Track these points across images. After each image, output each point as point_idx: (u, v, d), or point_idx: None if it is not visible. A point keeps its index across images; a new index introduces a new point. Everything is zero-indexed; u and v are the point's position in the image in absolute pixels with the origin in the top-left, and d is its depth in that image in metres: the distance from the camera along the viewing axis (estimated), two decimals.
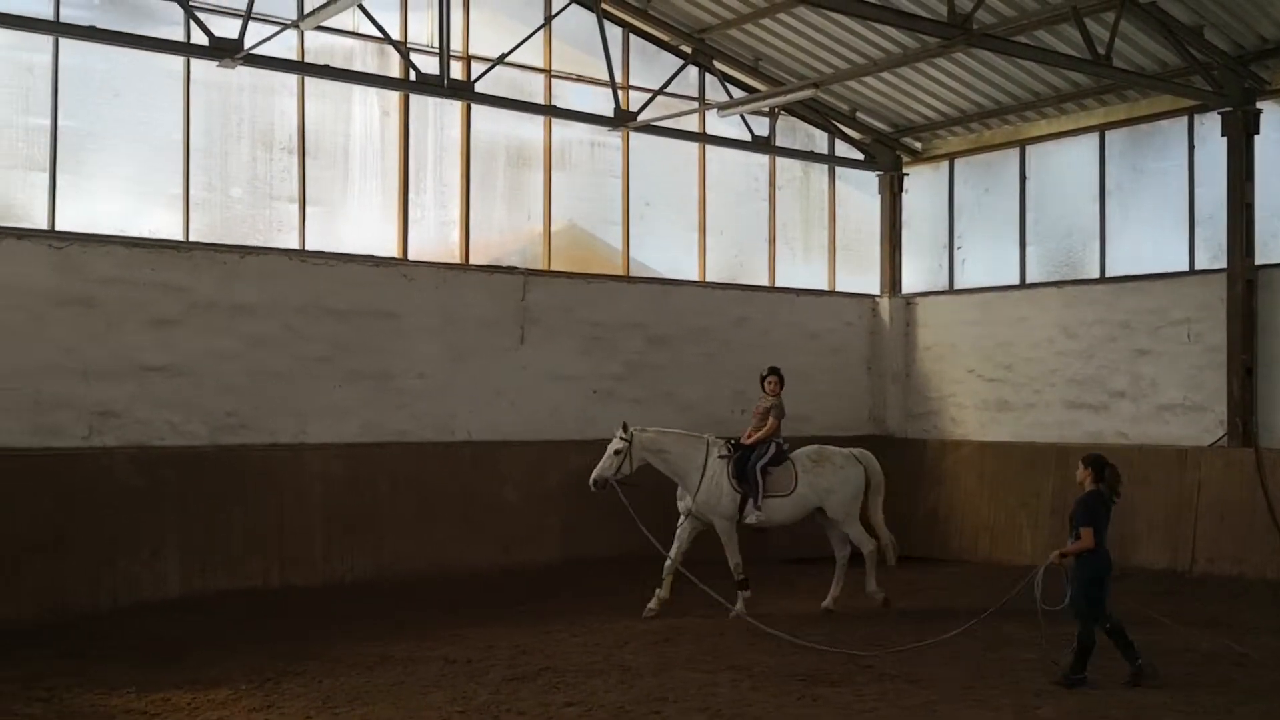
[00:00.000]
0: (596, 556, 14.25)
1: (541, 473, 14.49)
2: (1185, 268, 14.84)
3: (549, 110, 14.96)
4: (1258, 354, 14.11)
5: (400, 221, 14.11)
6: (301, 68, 13.06)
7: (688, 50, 15.91)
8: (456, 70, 13.97)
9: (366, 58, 13.88)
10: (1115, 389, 15.29)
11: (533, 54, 14.77)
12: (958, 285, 17.50)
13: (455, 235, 14.58)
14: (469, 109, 14.48)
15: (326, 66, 13.18)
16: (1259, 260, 14.10)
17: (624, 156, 15.86)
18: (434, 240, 14.48)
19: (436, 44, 13.44)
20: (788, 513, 12.22)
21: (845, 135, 17.66)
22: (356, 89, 13.72)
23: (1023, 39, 13.67)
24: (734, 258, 17.00)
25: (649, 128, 15.24)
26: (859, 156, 17.87)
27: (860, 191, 18.21)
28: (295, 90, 13.37)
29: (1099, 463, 9.34)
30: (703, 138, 16.24)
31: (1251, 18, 13.39)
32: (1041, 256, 16.53)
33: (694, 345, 16.07)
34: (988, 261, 17.17)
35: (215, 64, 12.13)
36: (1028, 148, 16.63)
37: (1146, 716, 8.19)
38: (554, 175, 15.32)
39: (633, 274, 15.88)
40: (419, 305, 13.85)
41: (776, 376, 12.58)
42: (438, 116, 14.46)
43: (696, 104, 16.07)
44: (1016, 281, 16.65)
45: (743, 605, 11.73)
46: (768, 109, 16.23)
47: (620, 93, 15.04)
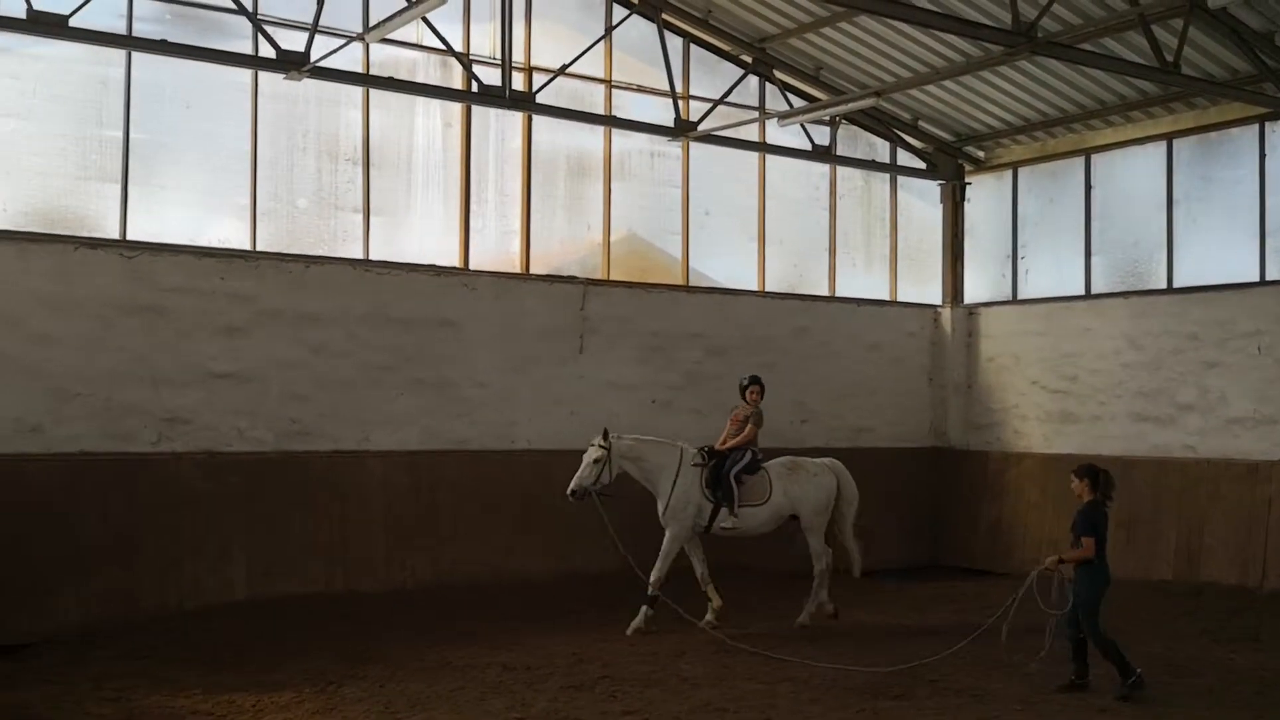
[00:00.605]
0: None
1: None
2: (1255, 278, 14.54)
3: (609, 120, 15.03)
4: None
5: (462, 231, 14.23)
6: (366, 80, 13.24)
7: (748, 60, 15.91)
8: (518, 81, 14.09)
9: (430, 69, 14.04)
10: (1183, 401, 15.01)
11: (593, 65, 14.85)
12: (1021, 296, 17.29)
13: (516, 245, 14.69)
14: (530, 120, 14.60)
15: (391, 79, 13.35)
16: None
17: (684, 166, 15.89)
18: (495, 250, 14.59)
19: (498, 56, 13.56)
20: (761, 520, 12.12)
21: (907, 144, 17.55)
22: (419, 100, 13.88)
23: (1088, 46, 13.50)
24: (794, 268, 16.94)
25: (709, 137, 15.25)
26: (921, 165, 17.75)
27: (922, 201, 18.08)
28: (360, 102, 13.55)
29: (1094, 472, 9.37)
30: (763, 147, 16.21)
31: None
32: (1107, 267, 16.29)
33: (753, 356, 15.99)
34: (1052, 272, 16.95)
35: (282, 76, 12.34)
36: (1093, 156, 16.40)
37: None
38: (614, 185, 15.37)
39: (692, 284, 15.87)
40: (480, 314, 13.96)
41: (758, 386, 12.46)
42: (499, 127, 14.59)
43: (757, 113, 16.05)
44: (1081, 292, 16.42)
45: (643, 620, 11.59)
46: (828, 118, 16.18)
47: (680, 103, 15.08)
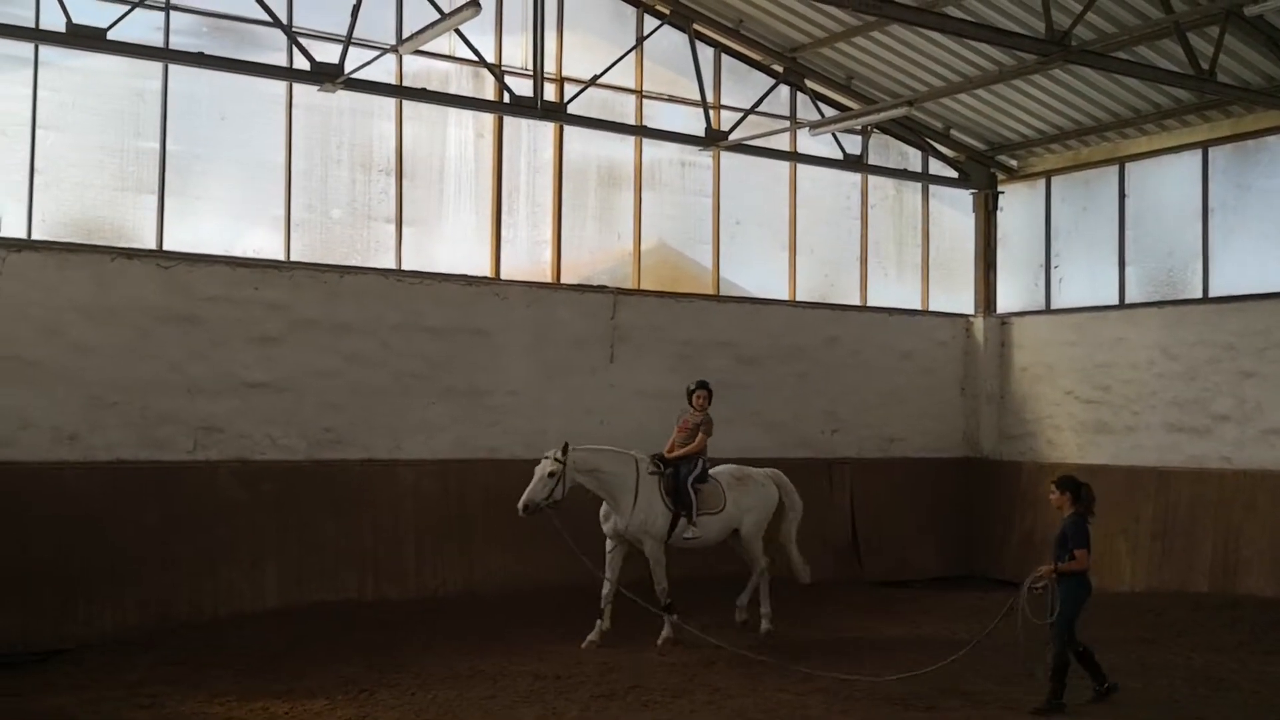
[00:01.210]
0: (685, 577, 14.17)
1: None
2: None
3: (640, 131, 15.07)
4: None
5: (493, 241, 14.30)
6: (399, 91, 13.33)
7: (779, 69, 15.91)
8: (549, 92, 14.15)
9: (462, 81, 14.12)
10: (1219, 412, 14.85)
11: (624, 75, 14.90)
12: (1054, 305, 17.17)
13: (547, 254, 14.74)
14: (561, 130, 14.65)
15: (424, 90, 13.44)
16: None
17: (715, 176, 15.90)
18: (526, 259, 14.65)
19: (530, 67, 13.64)
20: (716, 531, 11.95)
21: (939, 153, 17.49)
22: (452, 112, 13.96)
23: (1122, 55, 13.42)
24: (825, 277, 16.91)
25: (740, 147, 15.25)
26: (953, 174, 17.68)
27: (954, 210, 18.01)
28: (393, 113, 13.65)
29: (1075, 485, 9.33)
30: (794, 156, 16.20)
31: None
32: (1141, 276, 16.16)
33: (784, 365, 16.00)
34: (1085, 281, 16.82)
35: (316, 88, 12.46)
36: (1127, 165, 16.28)
37: None
38: (644, 195, 15.40)
39: (722, 293, 15.87)
40: (511, 323, 14.01)
41: (705, 391, 12.14)
42: (531, 138, 14.65)
43: (788, 123, 16.04)
44: (1115, 301, 16.29)
45: (669, 630, 11.47)
46: (860, 127, 16.15)
47: (711, 112, 15.10)
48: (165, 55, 12.09)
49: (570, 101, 13.86)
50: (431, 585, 13.14)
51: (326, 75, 12.12)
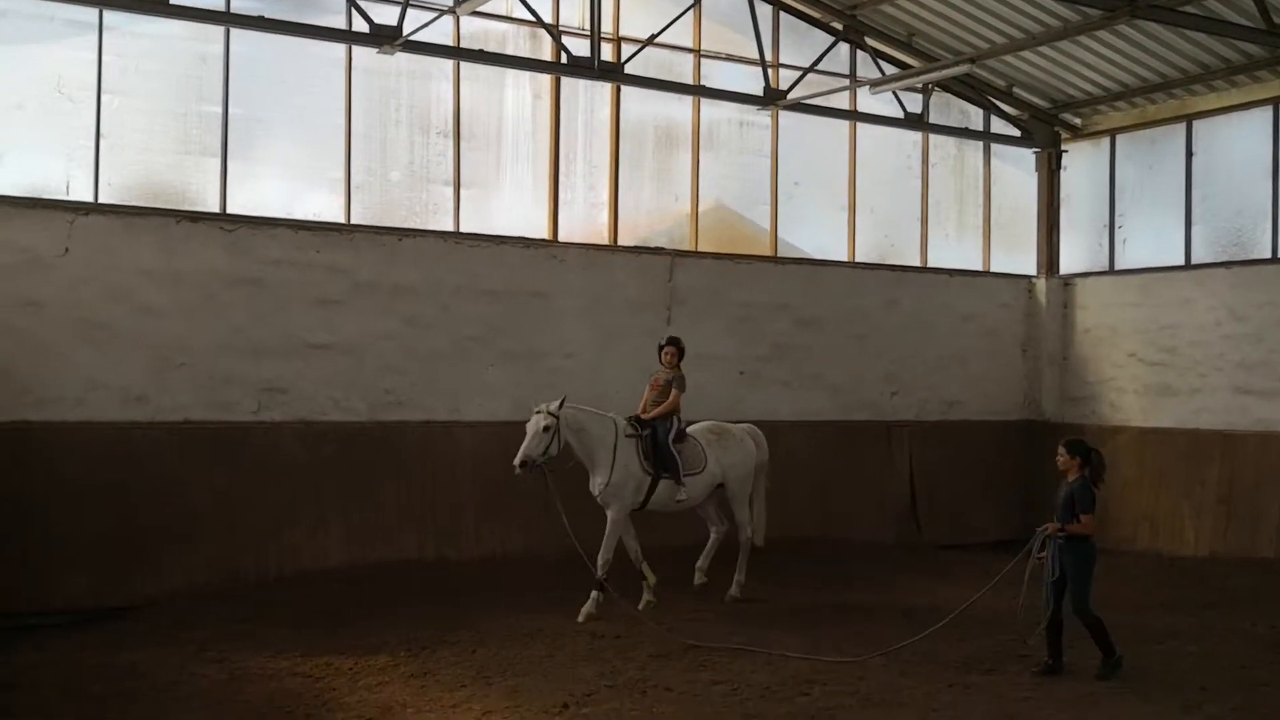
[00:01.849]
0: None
1: None
2: None
3: (698, 90, 14.95)
4: None
5: (550, 203, 14.30)
6: (457, 53, 13.33)
7: (839, 27, 15.70)
8: (607, 52, 14.08)
9: (519, 42, 14.07)
10: None
11: (682, 34, 14.77)
12: (1118, 266, 16.89)
13: (604, 216, 14.72)
14: (618, 90, 14.58)
15: (481, 51, 13.43)
16: None
17: (773, 135, 15.75)
18: (583, 221, 14.63)
19: (587, 27, 13.57)
20: (701, 490, 11.64)
21: (1001, 111, 17.20)
22: (509, 73, 13.94)
23: (1191, 9, 13.07)
24: (884, 238, 16.74)
25: (799, 106, 15.10)
26: (1015, 133, 17.38)
27: (1016, 169, 17.72)
28: (451, 75, 13.65)
29: (1085, 449, 9.10)
30: (854, 115, 16.01)
31: None
32: (1208, 236, 15.82)
33: (843, 327, 15.89)
34: (1150, 241, 16.51)
35: (375, 50, 12.49)
36: (1195, 122, 15.91)
37: None
38: (702, 155, 15.31)
39: (781, 254, 15.77)
40: (568, 286, 14.03)
41: (674, 347, 11.76)
42: (588, 98, 14.60)
43: (848, 81, 15.84)
44: (1181, 262, 15.98)
45: (593, 606, 10.88)
46: (921, 85, 15.91)
47: (770, 71, 14.94)
48: (227, 19, 12.17)
49: (628, 61, 13.78)
50: (491, 545, 13.26)
51: (385, 37, 12.14)
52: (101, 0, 11.47)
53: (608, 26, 14.27)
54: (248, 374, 12.20)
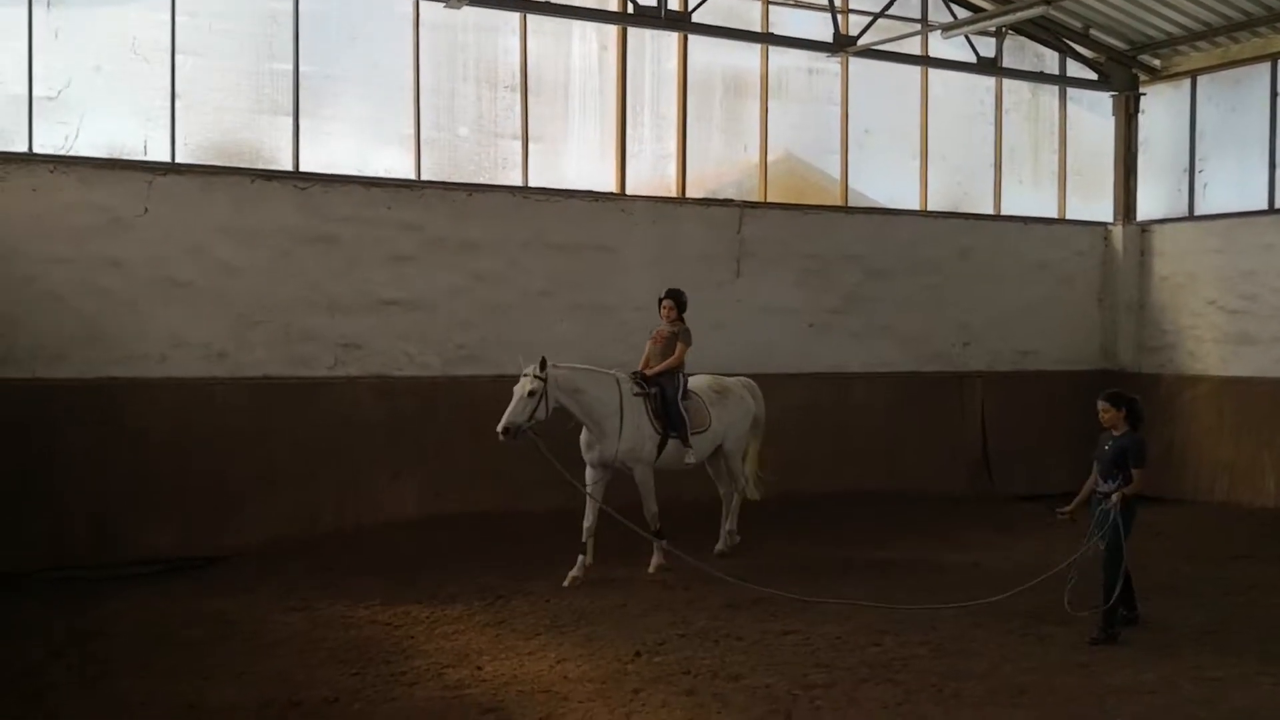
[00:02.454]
0: (812, 492, 14.24)
1: None
2: None
3: (766, 38, 14.78)
4: None
5: (618, 156, 14.28)
6: (523, 5, 13.30)
7: None
8: (673, 1, 13.97)
9: None
10: None
11: None
12: (1198, 211, 16.49)
13: (672, 169, 14.67)
14: (685, 40, 14.47)
15: (547, 3, 13.39)
16: None
17: (843, 83, 15.55)
18: (651, 174, 14.60)
19: None
20: (706, 449, 11.24)
21: (1077, 54, 16.79)
22: (576, 25, 13.89)
23: None
24: (957, 186, 16.50)
25: (869, 52, 14.88)
26: (1092, 76, 16.98)
27: (1093, 113, 17.32)
28: (518, 28, 13.63)
29: (1130, 400, 8.73)
30: (925, 61, 15.75)
31: None
32: None
33: (915, 277, 15.73)
34: (1232, 186, 16.08)
35: (442, 5, 12.53)
36: None
37: None
38: (771, 104, 15.16)
39: (851, 204, 15.62)
40: (636, 239, 14.03)
41: (671, 301, 11.26)
42: (655, 49, 14.50)
43: (919, 26, 15.56)
44: (1264, 206, 15.55)
45: (660, 556, 10.80)
46: (994, 29, 15.58)
47: (839, 17, 14.73)
48: None
49: (695, 10, 13.66)
50: (562, 498, 13.34)
51: None
52: None
53: None
54: (324, 330, 12.41)
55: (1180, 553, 11.96)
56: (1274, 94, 15.48)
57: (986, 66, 15.82)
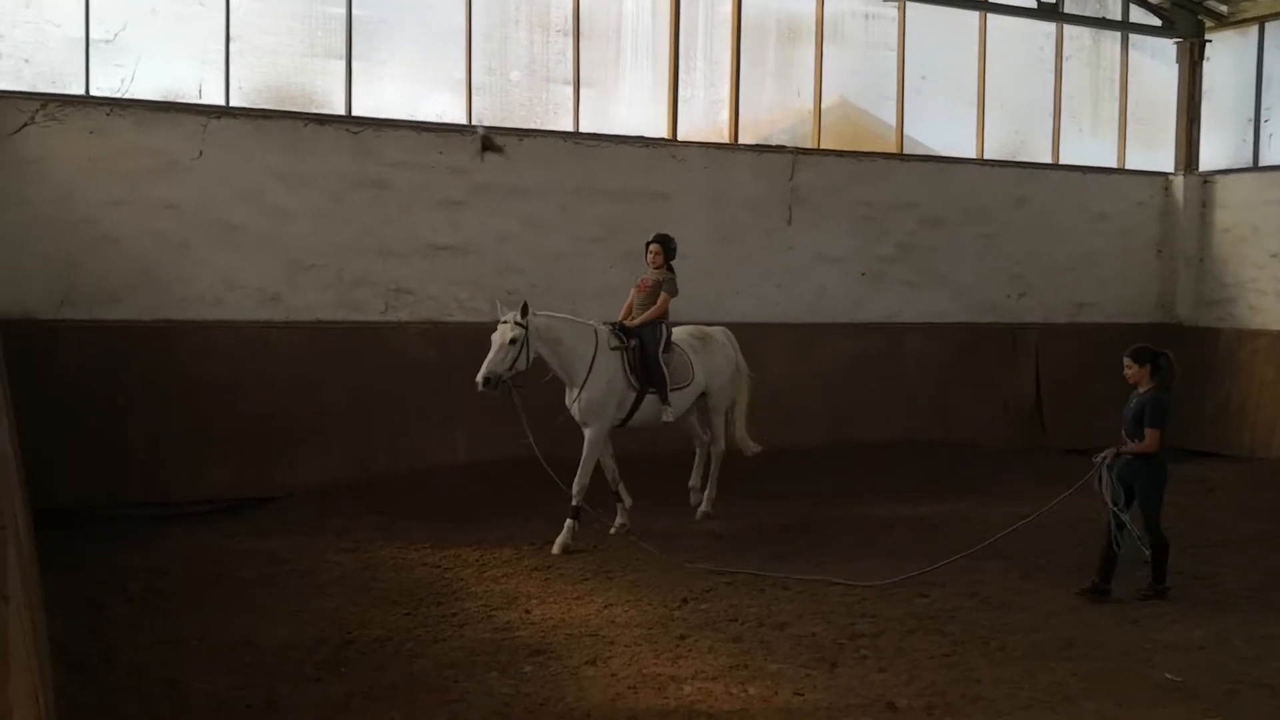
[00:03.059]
0: (861, 441, 14.20)
1: (806, 355, 14.47)
2: None
3: None
4: None
5: (670, 102, 14.15)
6: None
7: None
8: None
9: None
10: None
11: None
12: (1263, 162, 16.10)
13: (724, 115, 14.52)
14: None
15: None
16: None
17: (899, 28, 15.27)
18: (703, 120, 14.47)
19: None
20: (686, 405, 10.67)
21: (1141, 0, 16.41)
22: None
23: None
24: (1015, 134, 16.21)
25: None
26: (1156, 22, 16.56)
27: (1155, 61, 16.92)
28: None
29: (1155, 357, 8.39)
30: (984, 6, 15.43)
31: None
32: None
33: (970, 226, 15.53)
34: None
35: None
36: None
37: None
38: (826, 50, 14.92)
39: (906, 152, 15.40)
40: (687, 186, 13.93)
41: (659, 245, 10.60)
42: None
43: None
44: None
45: (569, 536, 9.84)
46: None
47: None
48: None
49: None
50: (614, 446, 13.42)
51: None
52: None
53: None
54: (375, 275, 12.47)
55: (1235, 509, 11.84)
56: None
57: (1047, 12, 15.49)
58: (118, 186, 11.38)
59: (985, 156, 15.84)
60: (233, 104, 12.02)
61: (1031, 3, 15.35)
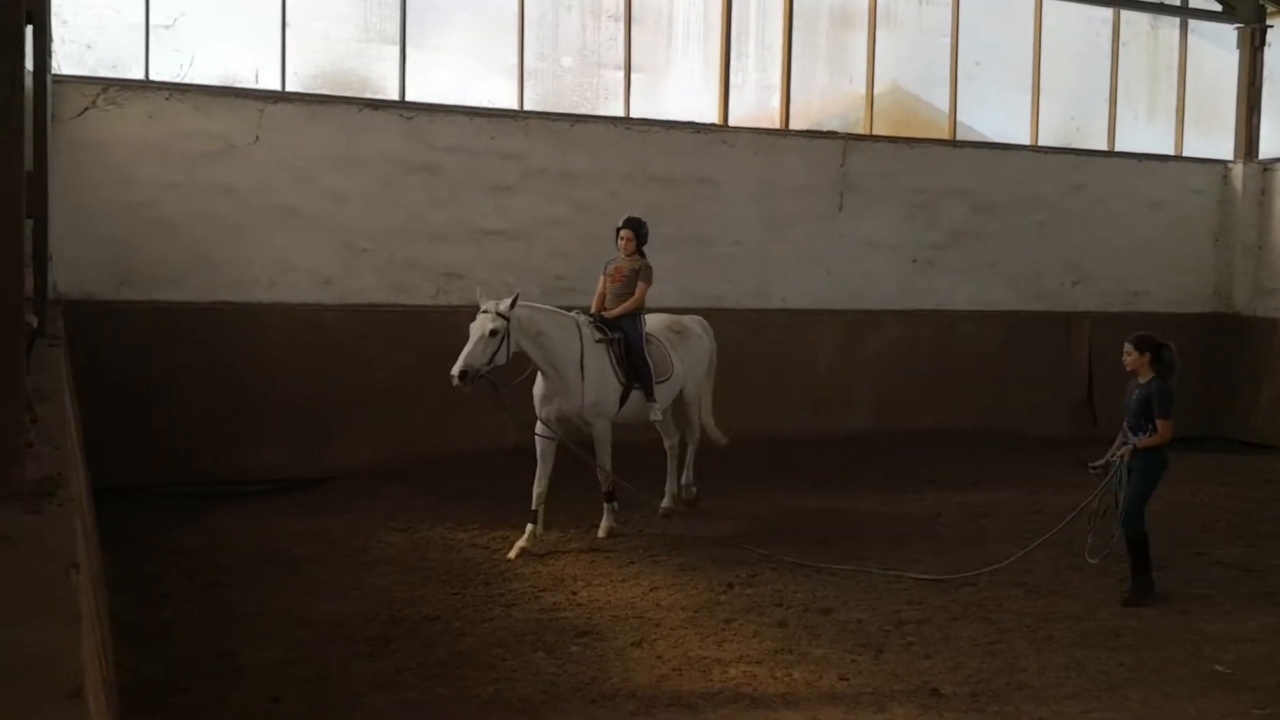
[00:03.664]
0: (908, 429, 14.16)
1: (854, 342, 14.44)
2: None
3: None
4: None
5: (721, 87, 14.13)
6: None
7: None
8: None
9: None
10: None
11: None
12: None
13: (775, 100, 14.49)
14: None
15: None
16: None
17: (953, 13, 15.14)
18: (754, 106, 14.44)
19: None
20: (668, 401, 10.21)
21: None
22: None
23: None
24: (1070, 120, 16.03)
25: None
26: (1216, 7, 16.29)
27: (1215, 46, 16.64)
28: None
29: (1156, 345, 8.26)
30: None
31: None
32: None
33: (1023, 214, 15.38)
34: None
35: None
36: None
37: None
38: (879, 35, 14.84)
39: (959, 138, 15.28)
40: (738, 172, 13.92)
41: (630, 230, 9.88)
42: None
43: None
44: None
45: (612, 520, 9.77)
46: None
47: None
48: None
49: None
50: (654, 433, 13.44)
51: None
52: None
53: None
54: (426, 259, 12.58)
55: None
56: None
57: None
58: (176, 170, 11.56)
59: (1039, 143, 15.68)
60: (288, 89, 12.17)
61: None
